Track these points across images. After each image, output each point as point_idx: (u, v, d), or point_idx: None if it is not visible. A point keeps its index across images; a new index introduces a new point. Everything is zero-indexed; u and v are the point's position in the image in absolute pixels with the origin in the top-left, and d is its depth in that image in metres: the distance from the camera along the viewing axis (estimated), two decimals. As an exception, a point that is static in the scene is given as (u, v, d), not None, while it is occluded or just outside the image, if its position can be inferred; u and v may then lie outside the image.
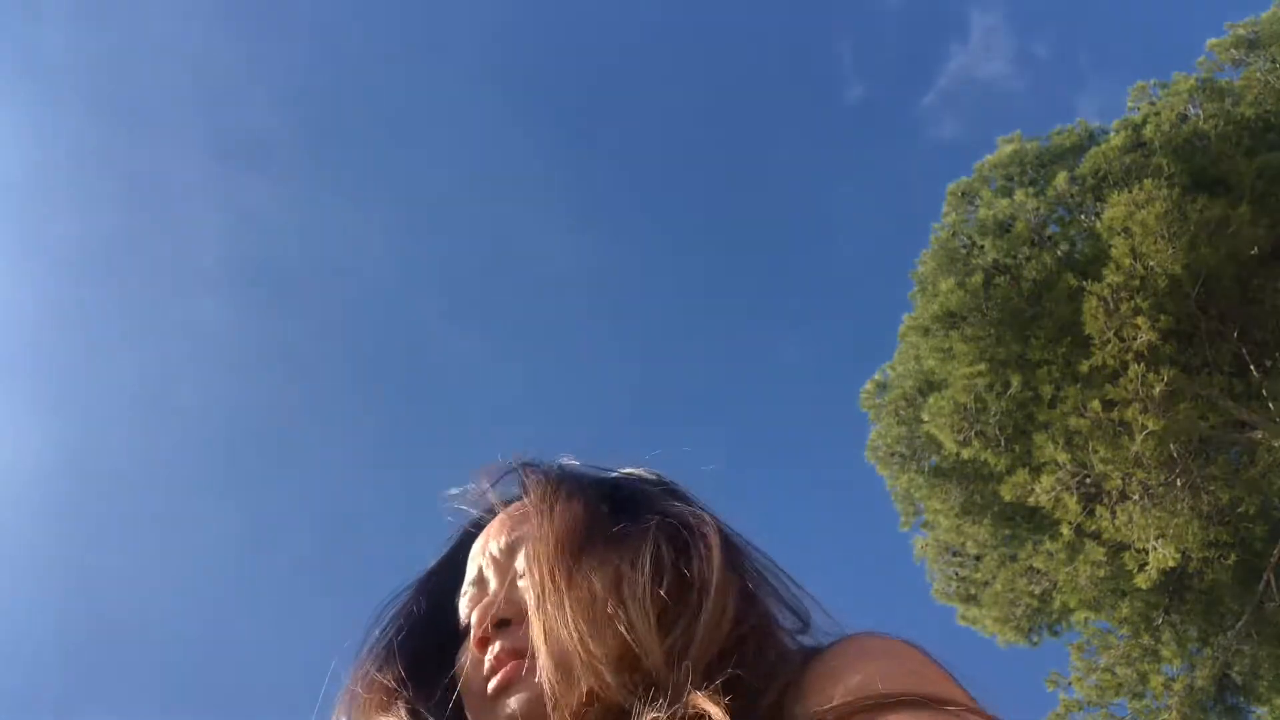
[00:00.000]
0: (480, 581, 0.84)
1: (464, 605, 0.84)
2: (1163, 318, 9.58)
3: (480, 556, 0.85)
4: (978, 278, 10.77)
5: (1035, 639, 11.66)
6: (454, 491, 0.95)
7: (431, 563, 0.93)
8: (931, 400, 10.89)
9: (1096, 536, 9.91)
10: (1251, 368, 10.24)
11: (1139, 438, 9.31)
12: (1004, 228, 11.14)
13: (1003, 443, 10.36)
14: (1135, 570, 9.63)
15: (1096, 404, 9.56)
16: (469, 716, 0.79)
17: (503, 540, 0.84)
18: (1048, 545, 10.67)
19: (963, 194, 11.92)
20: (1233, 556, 9.60)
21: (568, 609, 0.70)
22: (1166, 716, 10.56)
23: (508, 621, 0.77)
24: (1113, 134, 11.32)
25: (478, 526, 0.92)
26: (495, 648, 0.76)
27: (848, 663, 0.63)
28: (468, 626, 0.82)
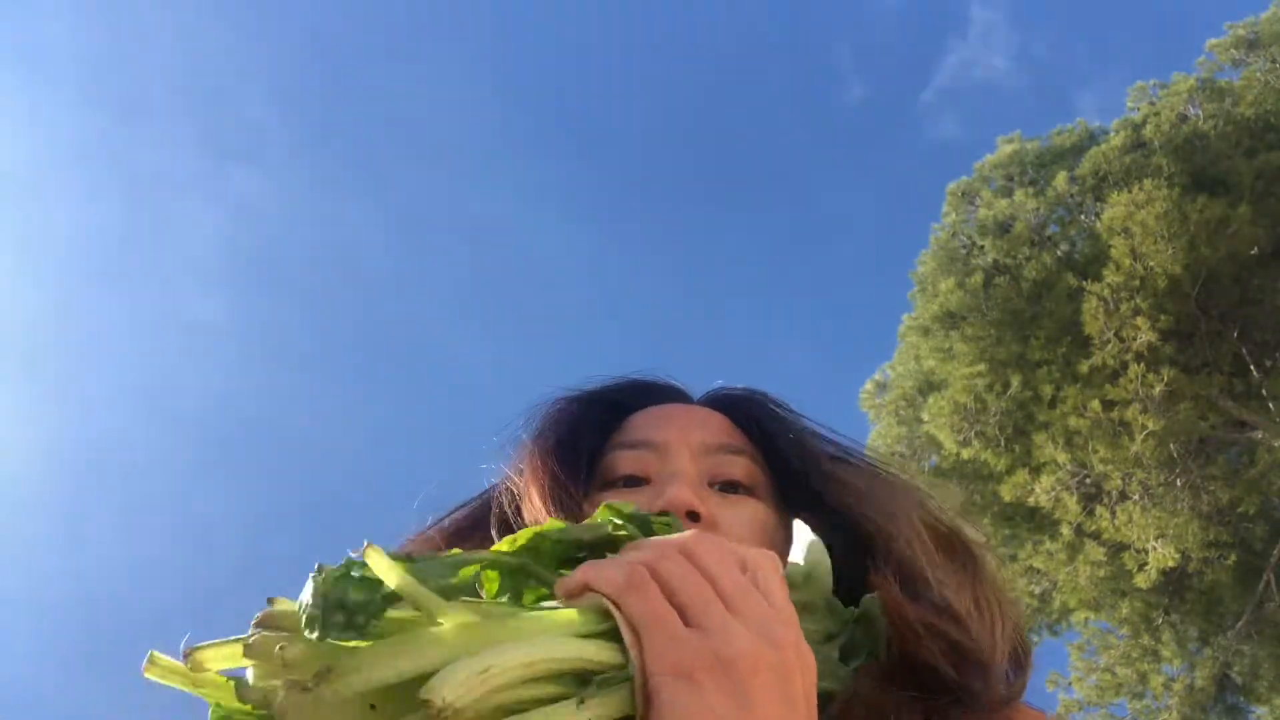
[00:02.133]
0: (661, 450, 0.82)
1: (630, 458, 0.83)
2: (1163, 318, 9.58)
3: (671, 430, 0.84)
4: (978, 278, 10.76)
5: (1035, 639, 11.65)
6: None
7: (601, 385, 0.93)
8: (931, 400, 10.88)
9: (1096, 536, 9.91)
10: (1251, 368, 10.23)
11: (1139, 438, 9.30)
12: (1004, 228, 11.14)
13: (1003, 443, 10.35)
14: (1135, 570, 9.62)
15: (1096, 404, 9.55)
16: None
17: (717, 440, 0.83)
18: (1048, 545, 10.67)
19: (963, 194, 11.91)
20: (1233, 556, 9.59)
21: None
22: (1166, 716, 10.56)
23: (697, 517, 0.75)
24: (1113, 134, 11.32)
25: (644, 393, 0.92)
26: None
27: None
28: (629, 477, 0.82)
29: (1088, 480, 9.85)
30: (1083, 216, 11.21)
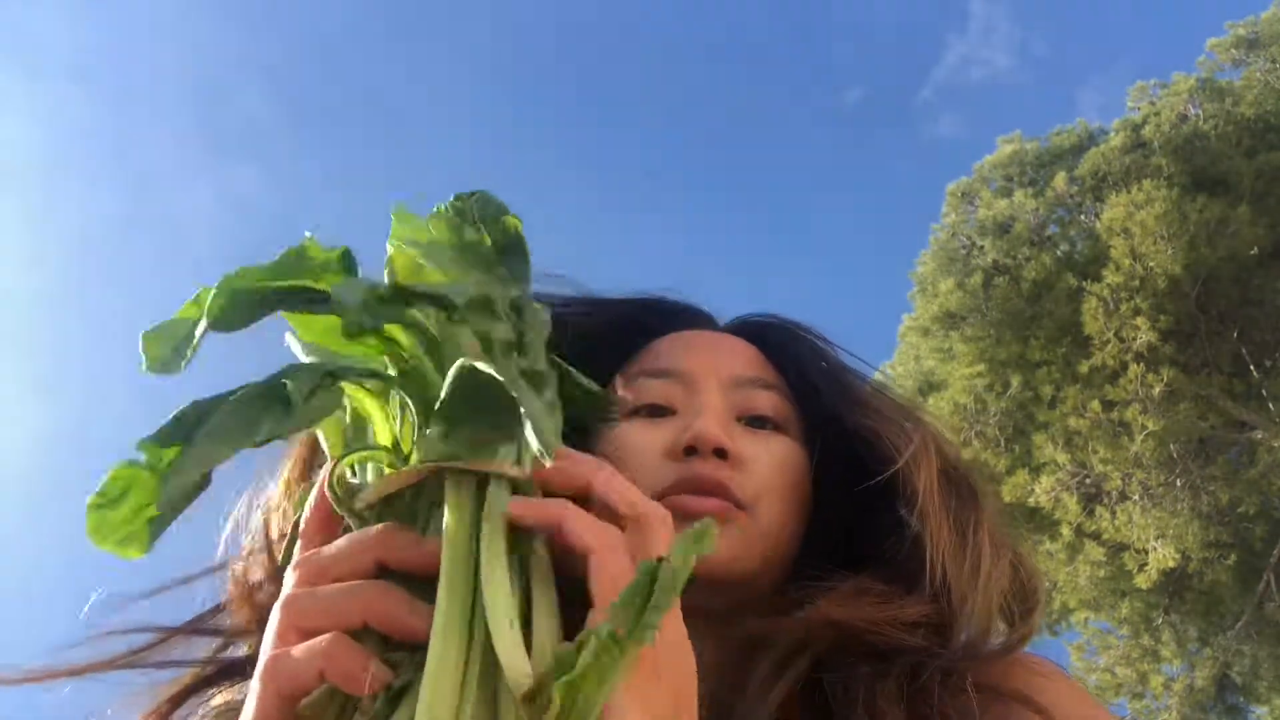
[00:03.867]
0: (689, 382, 0.78)
1: (656, 386, 0.78)
2: (1162, 318, 9.58)
3: (699, 359, 0.80)
4: (977, 278, 10.76)
5: (1035, 639, 11.63)
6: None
7: (621, 298, 0.87)
8: (931, 401, 10.88)
9: (1096, 536, 9.91)
10: (1251, 368, 10.23)
11: (1139, 438, 9.30)
12: (1004, 228, 11.13)
13: (1003, 443, 10.35)
14: (1135, 570, 9.62)
15: (1096, 404, 9.55)
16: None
17: (747, 373, 0.80)
18: (1048, 545, 10.67)
19: (963, 194, 11.91)
20: (1233, 556, 9.59)
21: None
22: (1166, 716, 10.56)
23: (725, 454, 0.73)
24: (1112, 134, 11.32)
25: (667, 314, 0.87)
26: (706, 465, 0.72)
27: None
28: (653, 406, 0.78)
29: (1088, 480, 9.85)
30: (1082, 217, 11.20)
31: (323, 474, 0.52)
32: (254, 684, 0.45)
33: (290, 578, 0.48)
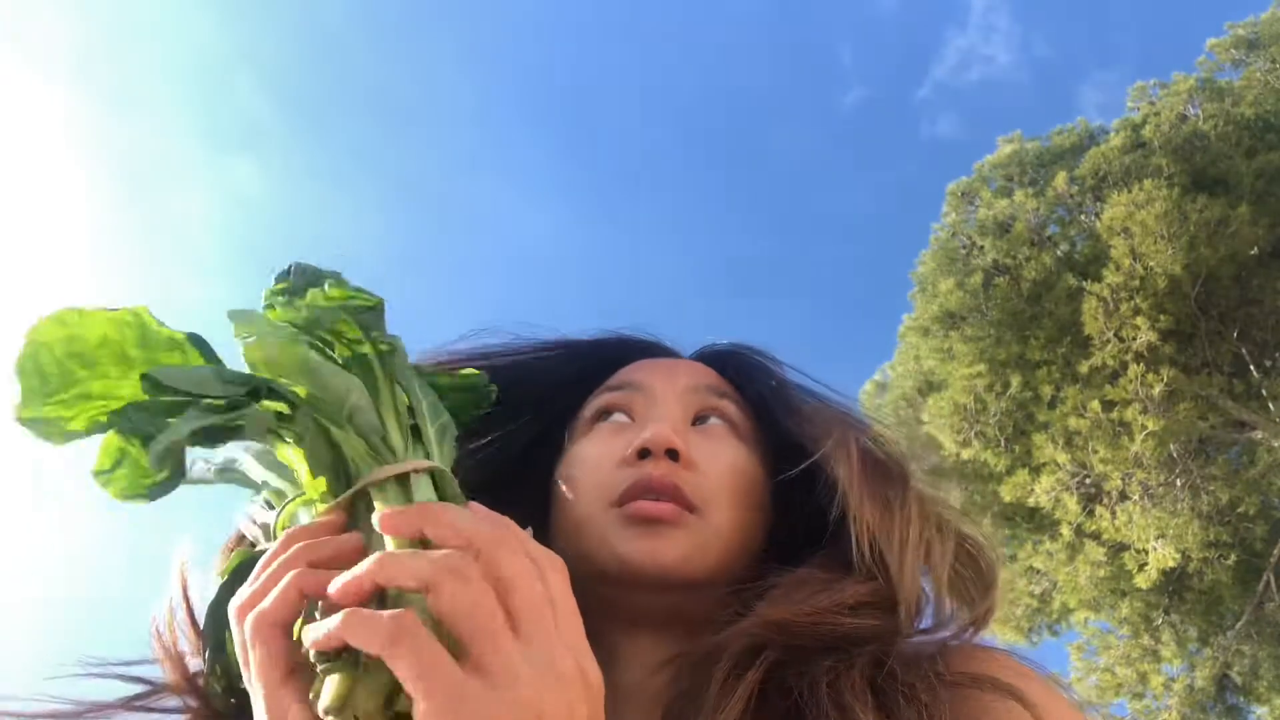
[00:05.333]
0: (647, 392, 0.82)
1: (615, 397, 0.82)
2: (1162, 318, 9.57)
3: (657, 374, 0.83)
4: (977, 278, 10.76)
5: (1035, 639, 11.64)
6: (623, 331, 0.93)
7: (586, 338, 0.91)
8: (931, 401, 10.87)
9: (1096, 536, 9.90)
10: (1251, 368, 10.23)
11: (1139, 438, 9.29)
12: (1004, 228, 11.13)
13: (1003, 443, 10.35)
14: (1135, 570, 9.62)
15: (1096, 404, 9.55)
16: (566, 496, 0.77)
17: (703, 381, 0.83)
18: (1048, 545, 10.67)
19: (963, 194, 11.91)
20: (1233, 556, 9.59)
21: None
22: (1166, 716, 10.55)
23: (677, 455, 0.74)
24: (1112, 134, 11.32)
25: (628, 347, 0.91)
26: (659, 467, 0.73)
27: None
28: (608, 410, 0.81)
29: (1088, 480, 9.84)
30: (1083, 217, 11.20)
31: (273, 520, 0.58)
32: (248, 646, 0.49)
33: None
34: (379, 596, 0.49)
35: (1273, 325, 10.19)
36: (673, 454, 0.74)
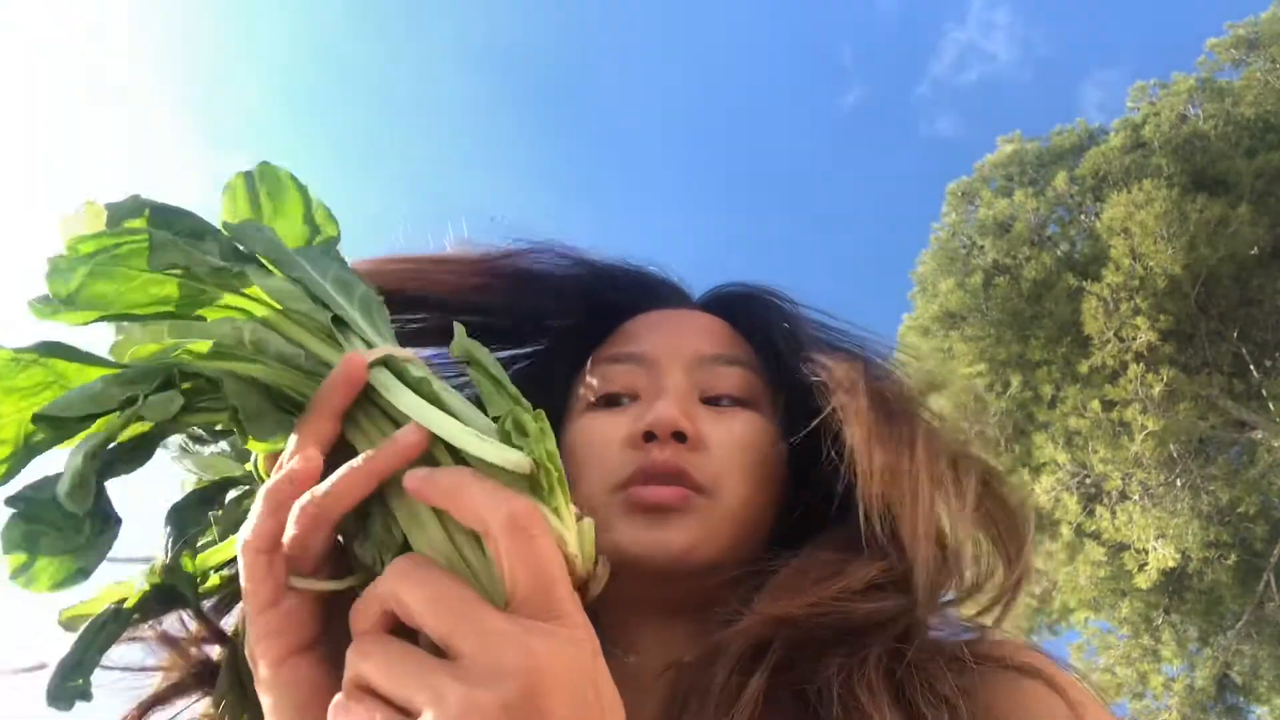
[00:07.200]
0: (651, 366, 0.76)
1: (618, 373, 0.76)
2: (1162, 318, 9.57)
3: (663, 340, 0.77)
4: (977, 278, 10.76)
5: (1035, 639, 11.64)
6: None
7: (598, 265, 0.84)
8: (931, 401, 10.86)
9: (1096, 536, 9.90)
10: (1251, 368, 10.23)
11: (1139, 438, 9.29)
12: (1004, 228, 11.13)
13: (1003, 443, 10.35)
14: (1135, 570, 9.62)
15: (1096, 404, 9.55)
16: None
17: (711, 350, 0.77)
18: (1048, 545, 10.66)
19: (963, 194, 11.91)
20: (1233, 556, 9.58)
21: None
22: (1166, 716, 10.55)
23: (684, 438, 0.70)
24: (1112, 134, 11.32)
25: (642, 291, 0.85)
26: (664, 451, 0.69)
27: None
28: (611, 395, 0.76)
29: (1088, 480, 9.84)
30: (1082, 217, 11.20)
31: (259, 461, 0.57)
32: (240, 561, 0.50)
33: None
34: (363, 514, 0.51)
35: (1273, 325, 10.19)
36: (680, 436, 0.70)
